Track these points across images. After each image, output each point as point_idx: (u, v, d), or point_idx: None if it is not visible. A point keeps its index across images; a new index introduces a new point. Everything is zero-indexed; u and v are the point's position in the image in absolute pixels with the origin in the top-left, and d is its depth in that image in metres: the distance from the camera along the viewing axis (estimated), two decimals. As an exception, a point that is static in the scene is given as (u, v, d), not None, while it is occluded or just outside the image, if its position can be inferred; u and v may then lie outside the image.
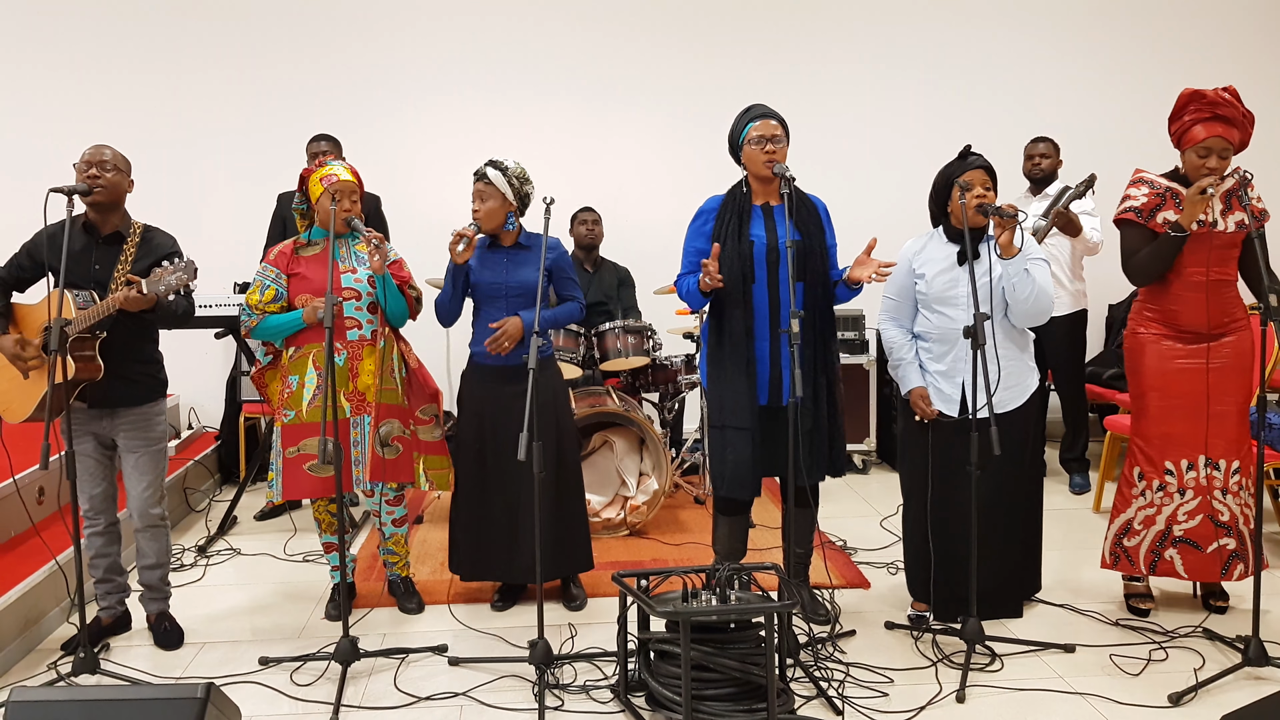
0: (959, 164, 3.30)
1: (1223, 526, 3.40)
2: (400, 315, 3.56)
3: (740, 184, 3.42)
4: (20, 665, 3.26)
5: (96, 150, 3.20)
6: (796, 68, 6.35)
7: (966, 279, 3.32)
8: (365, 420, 3.48)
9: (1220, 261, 3.33)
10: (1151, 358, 3.40)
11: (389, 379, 3.54)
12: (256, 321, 3.47)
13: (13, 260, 3.31)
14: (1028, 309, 3.26)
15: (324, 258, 3.49)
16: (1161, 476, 3.42)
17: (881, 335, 3.51)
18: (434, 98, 6.18)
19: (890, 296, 3.48)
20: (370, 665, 3.23)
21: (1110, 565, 3.54)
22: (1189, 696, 2.90)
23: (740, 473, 3.35)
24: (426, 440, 3.65)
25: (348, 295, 3.46)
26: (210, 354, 6.08)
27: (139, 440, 3.31)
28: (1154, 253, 3.30)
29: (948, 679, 3.06)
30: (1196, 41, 6.47)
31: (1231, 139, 3.26)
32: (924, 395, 3.37)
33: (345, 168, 3.46)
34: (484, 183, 3.48)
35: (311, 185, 3.47)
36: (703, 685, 2.73)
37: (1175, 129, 3.37)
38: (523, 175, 3.54)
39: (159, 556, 3.43)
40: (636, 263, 5.72)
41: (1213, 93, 3.25)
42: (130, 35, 5.99)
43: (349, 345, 3.47)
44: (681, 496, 5.18)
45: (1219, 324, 3.35)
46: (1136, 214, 3.37)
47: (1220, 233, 3.30)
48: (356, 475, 3.48)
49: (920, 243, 3.43)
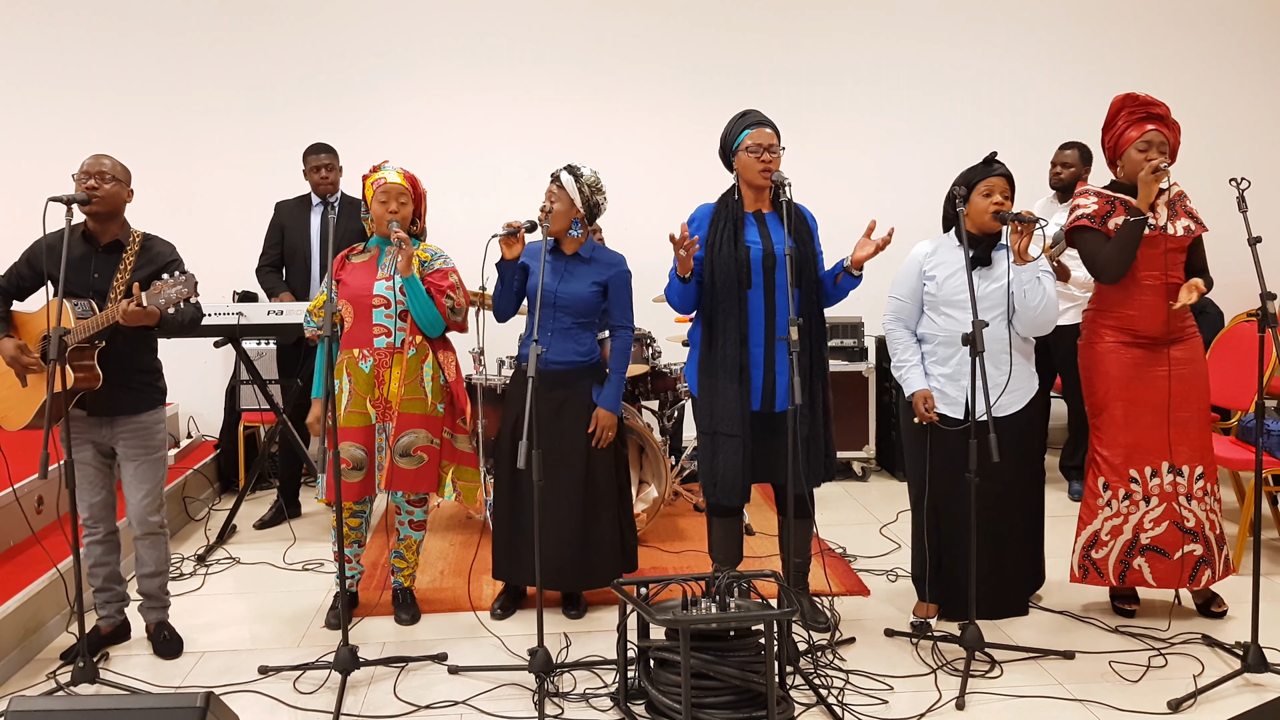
0: (982, 169, 3.33)
1: (1189, 533, 3.42)
2: (430, 324, 3.48)
3: (731, 191, 3.42)
4: (19, 675, 3.26)
5: (96, 160, 3.20)
6: (795, 76, 6.36)
7: (978, 284, 3.35)
8: (389, 428, 3.47)
9: (1173, 265, 3.39)
10: (1113, 366, 3.42)
11: (415, 388, 3.49)
12: (308, 333, 3.54)
13: (12, 269, 3.31)
14: (1035, 317, 3.30)
15: (369, 264, 3.51)
16: (1127, 485, 3.43)
17: (887, 336, 3.53)
18: (431, 103, 6.19)
19: (898, 298, 3.49)
20: (370, 674, 3.22)
21: (1079, 579, 3.53)
22: (1188, 703, 2.90)
23: (730, 479, 3.35)
24: (461, 450, 3.63)
25: (377, 302, 3.45)
26: (210, 363, 6.09)
27: (138, 449, 3.32)
28: (1119, 242, 3.33)
29: (947, 686, 3.06)
30: (1197, 54, 6.51)
31: (1166, 135, 3.36)
32: (927, 398, 3.38)
33: (397, 171, 3.47)
34: (556, 185, 3.48)
35: (365, 190, 3.50)
36: (703, 693, 2.74)
37: (1110, 136, 3.47)
38: (595, 184, 3.51)
39: (158, 565, 3.43)
40: (635, 272, 5.72)
41: (1144, 95, 3.38)
42: (131, 48, 6.00)
43: (375, 353, 3.46)
44: (681, 504, 5.18)
45: (1176, 329, 3.40)
46: (1090, 219, 3.42)
47: (1170, 236, 3.37)
48: (378, 480, 3.48)
49: (932, 245, 3.46)
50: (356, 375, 3.46)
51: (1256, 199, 6.38)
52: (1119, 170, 3.46)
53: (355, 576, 3.76)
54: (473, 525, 4.89)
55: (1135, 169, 3.37)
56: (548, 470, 3.54)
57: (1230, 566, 3.52)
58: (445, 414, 3.58)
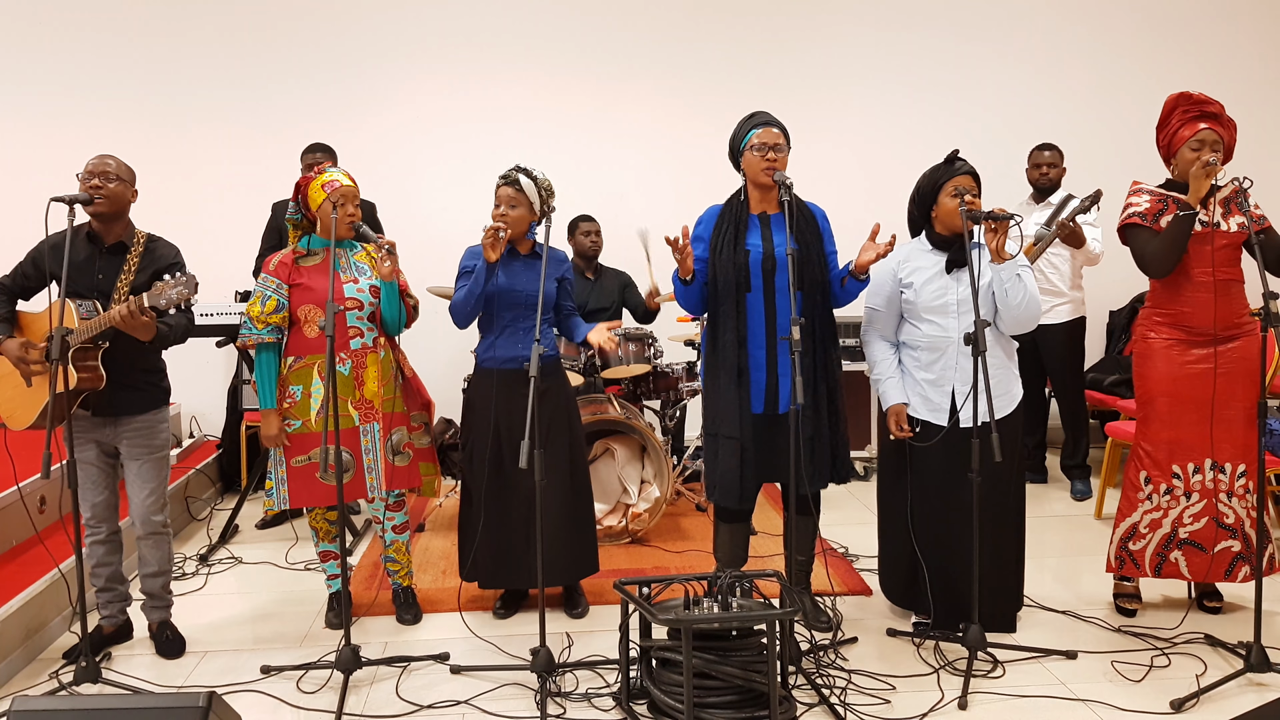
0: (945, 169, 3.29)
1: (1227, 529, 3.41)
2: (398, 324, 3.55)
3: (738, 193, 3.42)
4: (22, 674, 3.26)
5: (100, 160, 3.21)
6: (803, 76, 6.36)
7: (955, 287, 3.31)
8: (375, 428, 3.48)
9: (1225, 262, 3.35)
10: (1162, 362, 3.41)
11: (392, 387, 3.55)
12: (255, 340, 3.42)
13: (18, 269, 3.32)
14: (1019, 315, 3.25)
15: (325, 267, 3.49)
16: (1169, 480, 3.43)
17: (864, 347, 3.50)
18: (431, 104, 6.19)
19: (875, 308, 3.46)
20: (372, 674, 3.22)
21: (1116, 569, 3.55)
22: (1191, 703, 2.90)
23: (729, 481, 3.35)
24: (419, 447, 3.66)
25: (350, 305, 3.45)
26: (211, 363, 6.09)
27: (142, 448, 3.32)
28: (1167, 237, 3.31)
29: (950, 686, 3.05)
30: (1197, 54, 6.50)
31: (1221, 134, 3.33)
32: (900, 414, 3.37)
33: (344, 173, 3.45)
34: (514, 188, 3.48)
35: (311, 192, 3.44)
36: (705, 693, 2.73)
37: (1164, 135, 3.44)
38: (549, 187, 3.55)
39: (161, 564, 3.43)
40: (639, 271, 5.73)
41: (1198, 94, 3.34)
42: (132, 49, 6.01)
43: (353, 355, 3.47)
44: (683, 504, 5.18)
45: (1227, 324, 3.36)
46: (1141, 218, 3.41)
47: (1223, 232, 3.34)
48: (370, 483, 3.48)
49: (903, 252, 3.41)
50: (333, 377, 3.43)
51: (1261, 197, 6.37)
52: (1173, 169, 3.43)
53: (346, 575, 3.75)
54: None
55: (1187, 169, 3.34)
56: (531, 469, 3.55)
57: (1277, 565, 3.48)
58: (406, 411, 3.61)
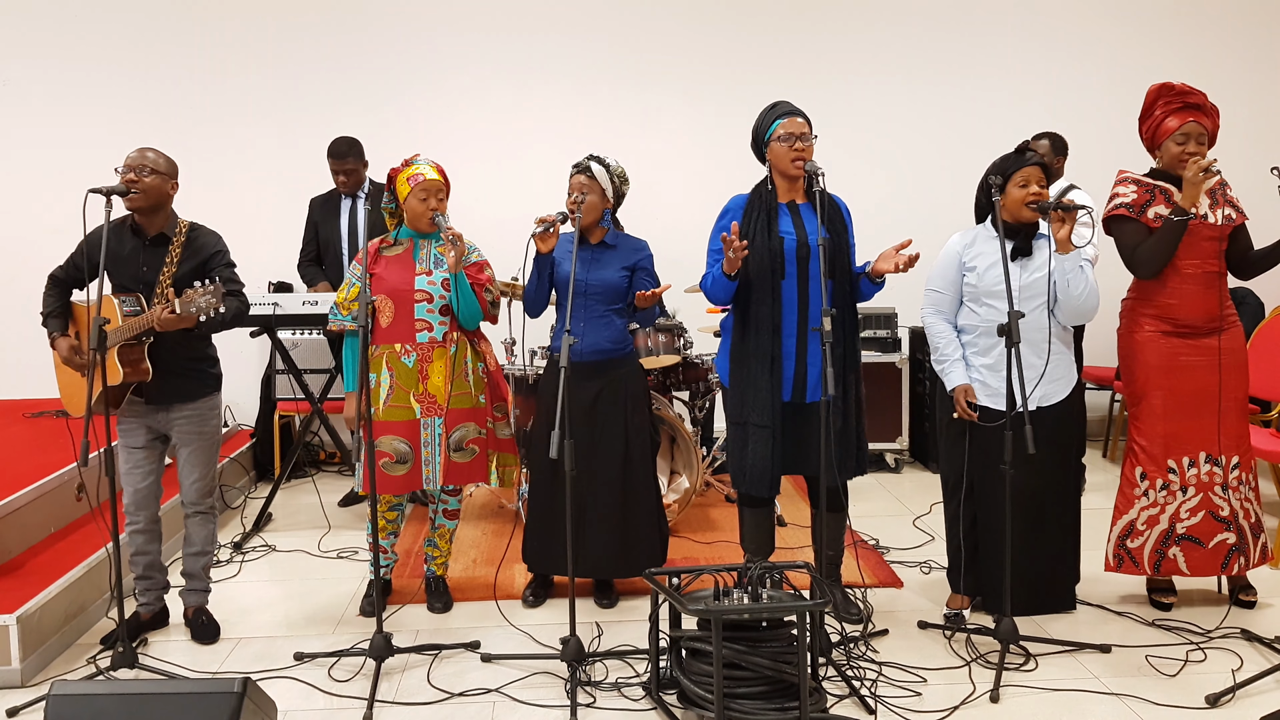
0: (1016, 159, 3.30)
1: (1222, 521, 3.40)
2: (472, 318, 3.51)
3: (765, 182, 3.41)
4: (60, 659, 3.32)
5: (139, 153, 3.24)
6: (826, 68, 6.32)
7: (1019, 274, 3.34)
8: (436, 422, 3.48)
9: (1213, 254, 3.36)
10: (1152, 355, 3.40)
11: (461, 383, 3.52)
12: (336, 326, 3.51)
13: (70, 260, 3.39)
14: (1079, 305, 3.27)
15: (404, 258, 3.51)
16: (1165, 475, 3.41)
17: (927, 329, 3.50)
18: (465, 97, 6.21)
19: (936, 289, 3.47)
20: (404, 661, 3.25)
21: (1114, 568, 3.52)
22: (1227, 698, 2.86)
23: (760, 470, 3.34)
24: (501, 438, 3.67)
25: (419, 297, 3.46)
26: (245, 353, 6.15)
27: (193, 434, 3.38)
28: (1160, 240, 3.30)
29: (982, 679, 3.04)
30: (1195, 46, 6.39)
31: (1205, 125, 3.33)
32: (968, 392, 3.36)
33: (432, 166, 3.47)
34: (587, 176, 3.48)
35: (399, 185, 3.49)
36: (735, 683, 2.73)
37: (1147, 126, 3.44)
38: (623, 174, 3.55)
39: (204, 544, 3.49)
40: (667, 263, 5.71)
41: (1180, 84, 3.33)
42: (172, 44, 6.07)
43: (418, 348, 3.47)
44: (712, 495, 5.18)
45: (1216, 316, 3.37)
46: (1129, 209, 3.39)
47: (1211, 225, 3.35)
48: (427, 475, 3.49)
49: (969, 236, 3.43)
50: (399, 370, 3.47)
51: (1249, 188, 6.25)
52: (1157, 159, 3.43)
53: (389, 566, 3.79)
54: (505, 514, 4.92)
55: (1174, 161, 3.35)
56: (588, 460, 3.55)
57: (1269, 555, 3.49)
58: (487, 403, 3.61)
